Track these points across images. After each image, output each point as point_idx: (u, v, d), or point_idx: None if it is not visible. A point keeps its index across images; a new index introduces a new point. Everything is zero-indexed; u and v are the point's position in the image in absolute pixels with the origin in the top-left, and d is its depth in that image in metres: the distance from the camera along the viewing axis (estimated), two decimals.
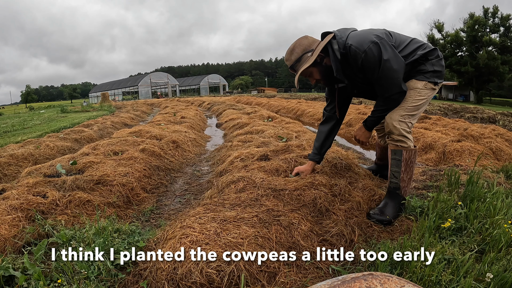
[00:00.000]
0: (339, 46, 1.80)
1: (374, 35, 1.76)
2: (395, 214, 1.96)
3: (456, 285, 1.32)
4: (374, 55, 1.73)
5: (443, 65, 1.93)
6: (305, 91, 54.59)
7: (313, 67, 1.88)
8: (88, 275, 1.43)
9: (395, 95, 1.84)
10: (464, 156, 3.72)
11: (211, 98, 22.07)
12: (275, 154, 3.03)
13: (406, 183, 1.97)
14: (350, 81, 1.93)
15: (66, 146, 4.85)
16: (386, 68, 1.74)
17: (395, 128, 1.89)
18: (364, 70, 1.81)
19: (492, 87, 34.01)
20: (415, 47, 1.88)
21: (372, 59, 1.74)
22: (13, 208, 1.99)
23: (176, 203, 2.64)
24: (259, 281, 1.40)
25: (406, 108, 1.89)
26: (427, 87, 1.89)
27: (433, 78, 1.89)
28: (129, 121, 8.99)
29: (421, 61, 1.88)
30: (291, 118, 7.90)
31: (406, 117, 1.89)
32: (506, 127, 6.80)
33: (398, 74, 1.77)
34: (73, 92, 70.59)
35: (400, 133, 1.89)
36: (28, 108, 26.82)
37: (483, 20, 27.23)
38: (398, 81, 1.79)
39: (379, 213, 1.95)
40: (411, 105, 1.88)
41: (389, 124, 1.92)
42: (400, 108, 1.89)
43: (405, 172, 1.94)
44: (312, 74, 1.93)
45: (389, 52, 1.74)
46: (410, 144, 1.92)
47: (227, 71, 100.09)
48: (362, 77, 1.87)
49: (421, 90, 1.89)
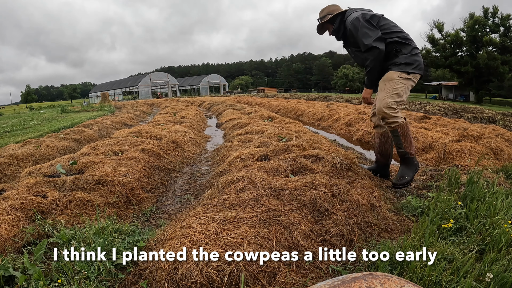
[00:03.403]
0: (343, 17, 2.59)
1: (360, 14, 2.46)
2: (413, 173, 2.50)
3: (456, 285, 1.31)
4: (355, 26, 2.45)
5: (416, 59, 2.42)
6: (305, 91, 54.63)
7: (328, 23, 2.68)
8: (88, 275, 1.43)
9: (368, 49, 2.37)
10: (464, 156, 3.72)
11: (211, 98, 22.07)
12: (275, 154, 3.03)
13: (409, 147, 2.49)
14: (345, 42, 2.66)
15: (66, 146, 4.85)
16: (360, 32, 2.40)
17: (386, 114, 2.41)
18: (352, 35, 2.49)
19: (492, 87, 33.99)
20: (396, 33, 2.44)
21: (353, 28, 2.46)
22: (13, 208, 1.99)
23: (176, 203, 2.64)
24: (259, 281, 1.40)
25: (390, 94, 2.40)
26: (402, 76, 2.40)
27: (405, 68, 2.38)
28: (129, 121, 8.99)
29: (396, 53, 2.41)
30: (291, 118, 7.90)
31: (392, 102, 2.39)
32: (506, 127, 6.80)
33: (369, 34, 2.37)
34: (73, 92, 70.58)
35: (391, 116, 2.41)
36: (28, 108, 26.82)
37: (483, 20, 27.20)
38: (368, 40, 2.36)
39: (400, 178, 2.49)
40: (393, 92, 2.39)
41: (380, 111, 2.43)
42: (385, 95, 2.40)
43: (405, 141, 2.48)
44: (328, 28, 2.72)
45: (363, 24, 2.41)
46: (401, 121, 2.43)
47: (227, 71, 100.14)
48: (352, 41, 2.55)
49: (397, 80, 2.40)
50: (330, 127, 7.43)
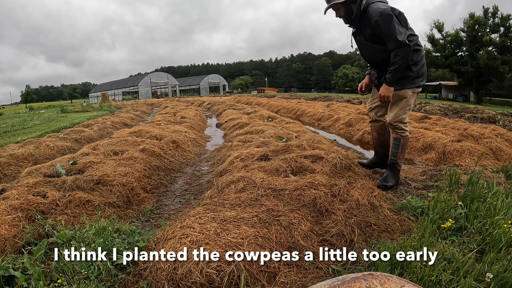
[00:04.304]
0: (365, 2, 2.38)
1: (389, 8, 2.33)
2: (396, 181, 2.61)
3: (456, 285, 1.31)
4: (386, 19, 2.28)
5: (424, 70, 2.50)
6: (305, 91, 54.61)
7: (341, 5, 2.42)
8: (88, 275, 1.43)
9: (401, 46, 2.28)
10: (464, 156, 3.72)
11: (211, 98, 22.07)
12: (275, 154, 3.03)
13: (401, 160, 2.65)
14: (359, 30, 2.49)
15: (66, 146, 4.85)
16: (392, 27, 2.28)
17: (399, 126, 2.55)
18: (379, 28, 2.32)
19: (492, 87, 33.98)
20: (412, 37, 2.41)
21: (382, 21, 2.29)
22: (13, 208, 1.99)
23: (176, 203, 2.64)
24: (259, 281, 1.40)
25: (404, 110, 2.53)
26: (414, 92, 2.53)
27: (417, 83, 2.48)
28: (129, 121, 8.99)
29: (410, 66, 2.41)
30: (291, 118, 7.90)
31: (406, 118, 2.56)
32: (506, 127, 6.80)
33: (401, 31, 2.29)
34: (73, 92, 70.55)
35: (402, 128, 2.57)
36: (28, 108, 26.80)
37: (483, 20, 27.18)
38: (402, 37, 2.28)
39: (384, 181, 2.59)
40: (407, 108, 2.54)
41: (393, 120, 2.55)
42: (399, 111, 2.53)
43: (401, 153, 2.62)
44: (339, 9, 2.46)
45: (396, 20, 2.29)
46: (407, 134, 2.60)
47: (227, 71, 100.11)
48: (370, 33, 2.40)
49: (410, 96, 2.51)
50: (330, 127, 7.43)
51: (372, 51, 2.49)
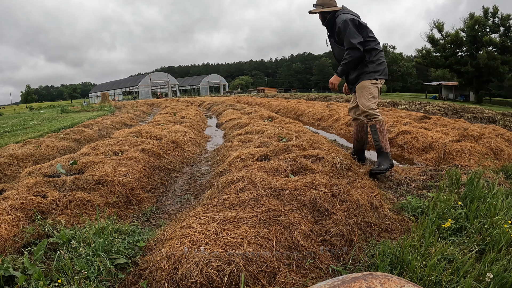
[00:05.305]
0: (335, 15, 2.95)
1: (350, 17, 2.82)
2: (388, 164, 2.85)
3: (456, 285, 1.31)
4: (344, 26, 2.81)
5: (381, 68, 2.90)
6: (305, 91, 54.60)
7: (320, 14, 3.04)
8: (88, 275, 1.43)
9: (352, 47, 2.78)
10: (464, 156, 3.72)
11: (211, 98, 22.06)
12: (275, 154, 3.03)
13: (385, 143, 2.91)
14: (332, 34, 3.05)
15: (66, 146, 4.85)
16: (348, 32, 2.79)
17: (369, 112, 2.89)
18: (340, 33, 2.87)
19: (492, 87, 33.99)
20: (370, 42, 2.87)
21: (342, 27, 2.82)
22: (13, 208, 1.99)
23: (176, 203, 2.64)
24: (259, 281, 1.40)
25: (368, 98, 2.90)
26: (372, 83, 2.90)
27: (374, 76, 2.89)
28: (129, 121, 8.99)
29: (366, 63, 2.88)
30: (291, 118, 7.90)
31: (372, 104, 2.90)
32: (506, 127, 6.80)
33: (355, 36, 2.78)
34: (73, 92, 70.56)
35: (373, 114, 2.89)
36: (28, 108, 26.78)
37: (483, 20, 27.18)
38: (354, 40, 2.76)
39: (378, 166, 2.86)
40: (370, 96, 2.90)
41: (362, 110, 2.93)
42: (364, 100, 2.91)
43: (381, 136, 2.91)
44: (319, 16, 3.07)
45: (351, 27, 2.79)
46: (380, 117, 2.91)
47: (227, 71, 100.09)
48: (336, 36, 2.95)
49: (369, 86, 2.90)
50: (330, 127, 7.43)
51: (338, 51, 3.02)
